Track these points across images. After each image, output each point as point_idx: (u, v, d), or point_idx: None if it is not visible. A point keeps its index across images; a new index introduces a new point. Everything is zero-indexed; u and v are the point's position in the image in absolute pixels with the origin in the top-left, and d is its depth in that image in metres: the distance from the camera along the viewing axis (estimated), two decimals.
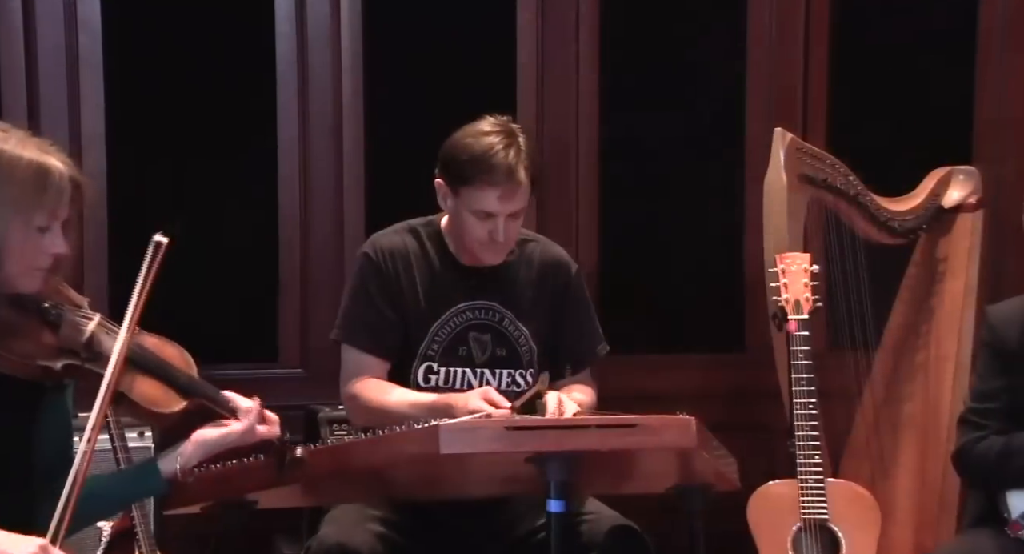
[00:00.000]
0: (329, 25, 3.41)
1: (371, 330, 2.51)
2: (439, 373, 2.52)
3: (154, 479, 2.06)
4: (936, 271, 3.18)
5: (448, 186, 2.48)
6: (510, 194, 2.42)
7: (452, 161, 2.46)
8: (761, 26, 3.52)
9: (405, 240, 2.55)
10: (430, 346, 2.51)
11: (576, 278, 2.62)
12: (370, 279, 2.53)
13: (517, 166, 2.40)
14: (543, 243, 2.62)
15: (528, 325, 2.55)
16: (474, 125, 2.47)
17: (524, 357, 2.55)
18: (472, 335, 2.53)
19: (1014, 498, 2.46)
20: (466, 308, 2.53)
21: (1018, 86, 3.55)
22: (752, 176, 3.43)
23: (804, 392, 2.75)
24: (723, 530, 2.52)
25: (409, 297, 2.51)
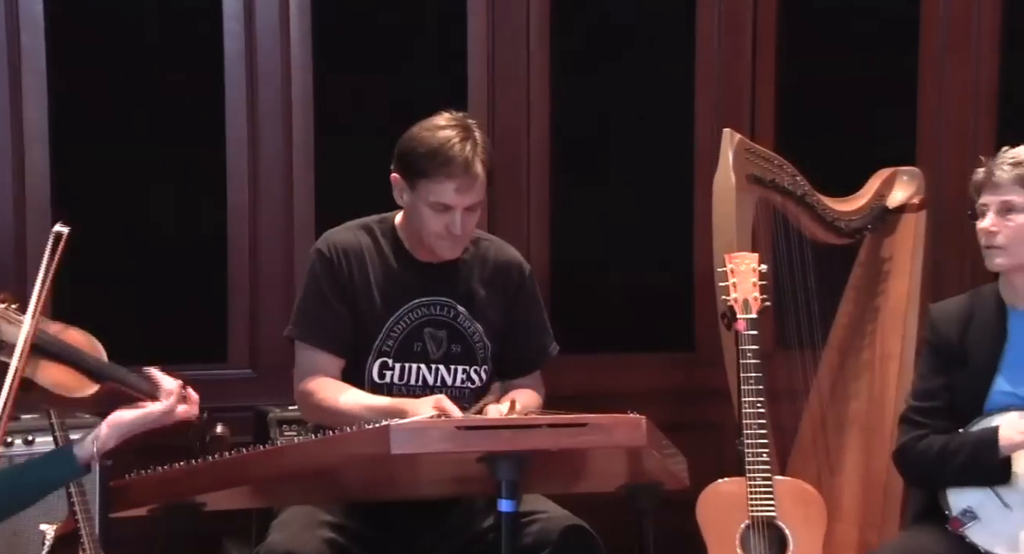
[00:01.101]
0: (278, 22, 3.39)
1: (325, 327, 2.50)
2: (394, 369, 2.51)
3: (69, 463, 2.04)
4: (881, 271, 3.22)
5: (405, 180, 2.48)
6: (467, 187, 2.42)
7: (409, 155, 2.45)
8: (709, 28, 3.55)
9: (359, 237, 2.55)
10: (385, 342, 2.51)
11: (529, 279, 2.62)
12: (323, 276, 2.52)
13: (474, 159, 2.41)
14: (497, 243, 2.63)
15: (482, 322, 2.55)
16: (430, 120, 2.47)
17: (479, 353, 2.56)
18: (427, 331, 2.53)
19: (954, 496, 2.49)
20: (421, 304, 2.53)
21: (958, 90, 3.62)
22: (701, 176, 3.46)
23: (752, 391, 2.78)
24: (673, 528, 2.54)
25: (363, 293, 2.51)
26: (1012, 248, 2.48)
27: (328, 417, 2.41)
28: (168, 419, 2.08)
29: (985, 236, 2.50)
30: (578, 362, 3.23)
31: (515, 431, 2.08)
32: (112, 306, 3.27)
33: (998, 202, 2.49)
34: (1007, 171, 2.48)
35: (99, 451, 2.02)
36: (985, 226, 2.50)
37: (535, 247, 3.49)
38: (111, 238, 3.33)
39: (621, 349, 3.57)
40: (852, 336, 3.19)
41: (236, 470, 2.16)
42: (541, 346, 2.64)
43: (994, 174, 2.49)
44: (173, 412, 2.07)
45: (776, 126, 3.58)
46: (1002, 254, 2.49)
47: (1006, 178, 2.48)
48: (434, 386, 2.51)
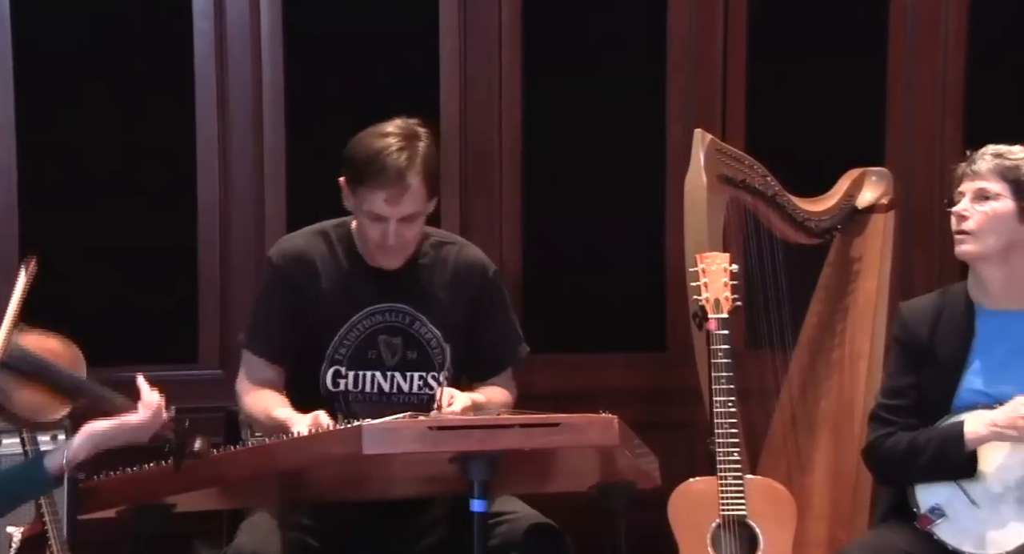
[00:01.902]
0: (248, 21, 3.37)
1: (267, 336, 2.51)
2: (347, 377, 2.50)
3: (39, 474, 2.02)
4: (851, 270, 3.24)
5: (348, 185, 2.46)
6: (396, 197, 2.39)
7: (350, 160, 2.44)
8: (680, 28, 3.56)
9: (313, 243, 2.53)
10: (338, 350, 2.49)
11: (493, 280, 2.60)
12: (272, 285, 2.52)
13: (407, 169, 2.37)
14: (460, 245, 2.61)
15: (440, 327, 2.53)
16: (379, 125, 2.46)
17: (436, 359, 2.54)
18: (382, 338, 2.51)
19: (923, 493, 2.51)
20: (376, 311, 2.51)
21: (926, 92, 3.65)
22: (673, 177, 3.47)
23: (724, 390, 2.79)
24: (644, 528, 2.55)
25: (314, 301, 2.49)
26: (980, 235, 2.50)
27: (251, 421, 2.45)
28: (143, 433, 2.06)
29: (956, 220, 2.53)
30: (550, 362, 3.23)
31: (487, 431, 2.08)
32: (81, 306, 3.24)
33: (974, 188, 2.52)
34: (988, 161, 2.52)
35: (70, 463, 1.99)
36: (957, 209, 2.53)
37: (507, 248, 3.49)
38: (80, 238, 3.31)
39: (593, 349, 3.57)
40: (822, 335, 3.21)
41: (206, 471, 2.15)
42: (509, 347, 2.63)
43: (975, 163, 2.53)
44: (150, 425, 2.05)
45: (747, 127, 3.60)
46: (970, 240, 2.51)
47: (985, 167, 2.51)
48: (390, 393, 2.50)
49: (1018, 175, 2.49)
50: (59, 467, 2.00)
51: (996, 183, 2.50)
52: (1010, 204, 2.49)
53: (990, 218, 2.50)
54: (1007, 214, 2.49)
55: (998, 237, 2.50)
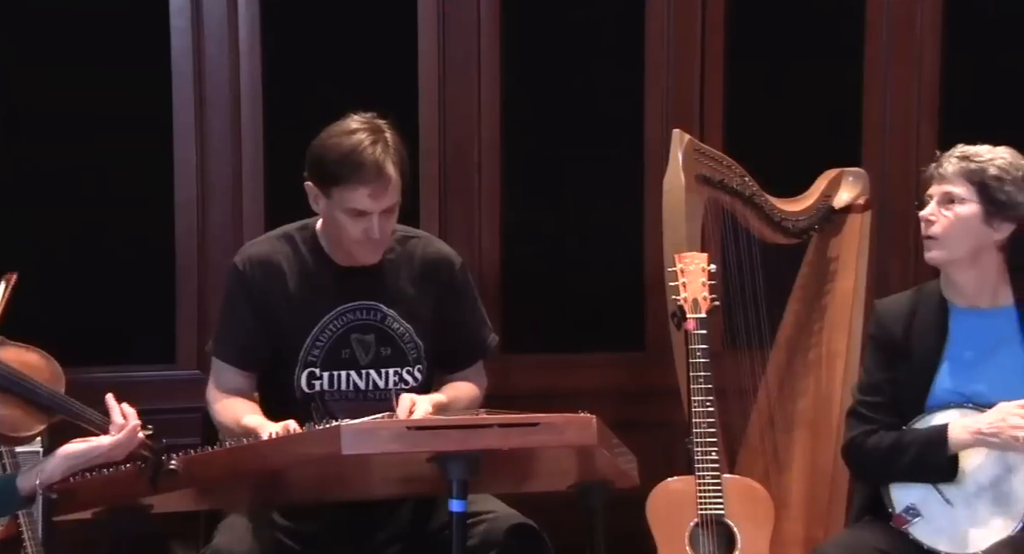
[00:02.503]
0: (226, 18, 3.35)
1: (235, 343, 2.50)
2: (322, 378, 2.49)
3: (10, 495, 2.00)
4: (827, 270, 3.26)
5: (318, 188, 2.45)
6: (380, 191, 2.39)
7: (320, 162, 2.43)
8: (659, 28, 3.57)
9: (277, 247, 2.52)
10: (311, 352, 2.49)
11: (460, 272, 2.60)
12: (237, 292, 2.51)
13: (385, 162, 2.38)
14: (425, 239, 2.61)
15: (412, 322, 2.53)
16: (339, 124, 2.45)
17: (410, 354, 2.53)
18: (354, 337, 2.50)
19: (898, 492, 2.52)
20: (346, 310, 2.50)
21: (901, 93, 3.68)
22: (651, 177, 3.48)
23: (702, 390, 2.80)
24: (623, 527, 2.56)
25: (281, 306, 2.48)
26: (947, 240, 2.51)
27: (221, 428, 2.43)
28: (118, 454, 2.05)
29: (923, 224, 2.54)
30: (529, 362, 3.24)
31: (466, 431, 2.08)
32: (58, 306, 3.23)
33: (941, 192, 2.52)
34: (953, 164, 2.51)
35: (43, 484, 1.98)
36: (924, 213, 2.54)
37: (486, 247, 3.49)
38: (56, 237, 3.29)
39: (572, 349, 3.58)
40: (799, 335, 3.23)
41: (183, 472, 2.14)
42: (478, 338, 2.62)
43: (942, 166, 2.53)
44: (124, 447, 2.04)
45: (724, 127, 3.61)
46: (937, 246, 2.52)
47: (951, 170, 2.51)
48: (366, 391, 2.49)
49: (983, 177, 2.48)
50: (32, 488, 1.99)
51: (962, 186, 2.50)
52: (976, 208, 2.49)
53: (956, 223, 2.50)
54: (973, 218, 2.49)
55: (965, 241, 2.50)
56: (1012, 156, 2.52)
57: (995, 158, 2.50)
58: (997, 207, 2.48)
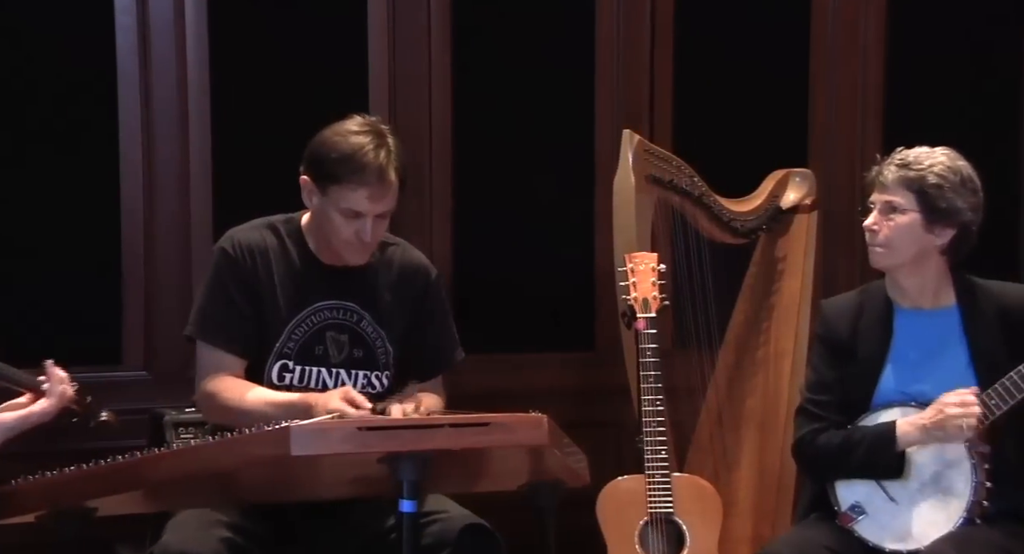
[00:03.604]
0: (172, 16, 3.32)
1: (228, 327, 2.46)
2: (294, 372, 2.48)
3: None
4: (775, 270, 3.29)
5: (315, 184, 2.44)
6: (380, 195, 2.40)
7: (321, 159, 2.42)
8: (608, 29, 3.59)
9: (264, 236, 2.51)
10: (286, 344, 2.48)
11: (435, 284, 2.61)
12: (227, 274, 2.48)
13: (388, 167, 2.39)
14: (404, 247, 2.61)
15: (386, 328, 2.53)
16: (343, 124, 2.44)
17: (380, 359, 2.54)
18: (329, 335, 2.50)
19: (843, 491, 2.55)
20: (324, 307, 2.50)
21: (846, 94, 3.73)
22: (602, 177, 3.49)
23: (652, 389, 2.82)
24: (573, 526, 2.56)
25: (267, 294, 2.47)
26: (892, 247, 2.54)
27: (233, 417, 2.37)
28: (50, 417, 2.04)
29: (868, 234, 2.57)
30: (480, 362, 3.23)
31: (417, 431, 2.07)
32: (2, 306, 3.17)
33: (882, 201, 2.55)
34: (893, 172, 2.54)
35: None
36: (868, 223, 2.56)
37: (437, 247, 3.48)
38: (1, 236, 3.23)
39: (523, 349, 3.58)
40: (748, 334, 3.26)
41: (130, 474, 2.11)
42: (446, 352, 2.63)
43: (882, 173, 2.55)
44: (53, 410, 2.03)
45: (674, 128, 3.64)
46: (882, 254, 2.56)
47: (891, 179, 2.54)
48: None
49: (923, 185, 2.51)
50: None
51: (902, 196, 2.53)
52: (916, 216, 2.52)
53: (898, 231, 2.53)
54: (915, 226, 2.52)
55: (908, 248, 2.54)
56: (950, 160, 2.55)
57: (934, 165, 2.52)
58: (937, 215, 2.52)
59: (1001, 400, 2.44)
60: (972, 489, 2.46)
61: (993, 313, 2.55)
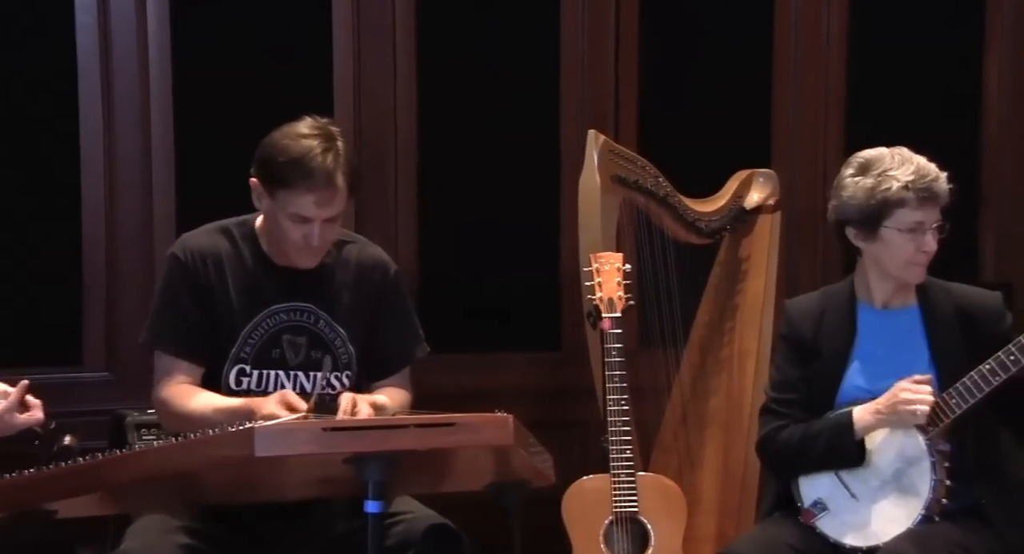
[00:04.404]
0: (134, 15, 3.29)
1: (181, 334, 2.45)
2: (251, 376, 2.47)
3: None
4: (739, 270, 3.31)
5: (264, 187, 2.43)
6: (327, 199, 2.39)
7: (269, 162, 2.41)
8: (573, 30, 3.60)
9: (216, 241, 2.49)
10: (243, 348, 2.46)
11: (394, 279, 2.60)
12: (179, 281, 2.46)
13: (335, 171, 2.37)
14: (361, 244, 2.60)
15: (345, 327, 2.52)
16: (292, 126, 2.42)
17: (341, 359, 2.52)
18: (286, 337, 2.48)
19: (806, 487, 2.57)
20: (280, 310, 2.48)
21: (809, 95, 3.76)
22: (567, 177, 3.50)
23: (617, 389, 2.82)
24: (539, 526, 2.56)
25: (220, 299, 2.46)
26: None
27: (183, 424, 2.37)
28: (4, 426, 2.00)
29: (921, 255, 2.53)
30: (446, 362, 3.23)
31: (382, 432, 2.07)
32: None
33: (937, 220, 2.52)
34: (943, 184, 2.50)
35: None
36: (930, 248, 2.51)
37: (403, 247, 3.48)
38: None
39: (488, 348, 3.58)
40: (712, 334, 3.27)
41: (91, 476, 2.09)
42: (408, 347, 2.62)
43: (931, 189, 2.49)
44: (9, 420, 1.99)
45: (639, 128, 3.65)
46: (924, 271, 2.55)
47: (942, 193, 2.50)
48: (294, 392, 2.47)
49: (946, 196, 2.52)
50: None
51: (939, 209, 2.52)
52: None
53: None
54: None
55: None
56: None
57: (940, 173, 2.52)
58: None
59: (961, 399, 2.47)
60: (932, 487, 2.48)
61: (952, 314, 2.58)
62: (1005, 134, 3.84)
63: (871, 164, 2.54)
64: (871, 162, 2.54)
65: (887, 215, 2.50)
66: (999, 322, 2.57)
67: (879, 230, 2.52)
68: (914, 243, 2.51)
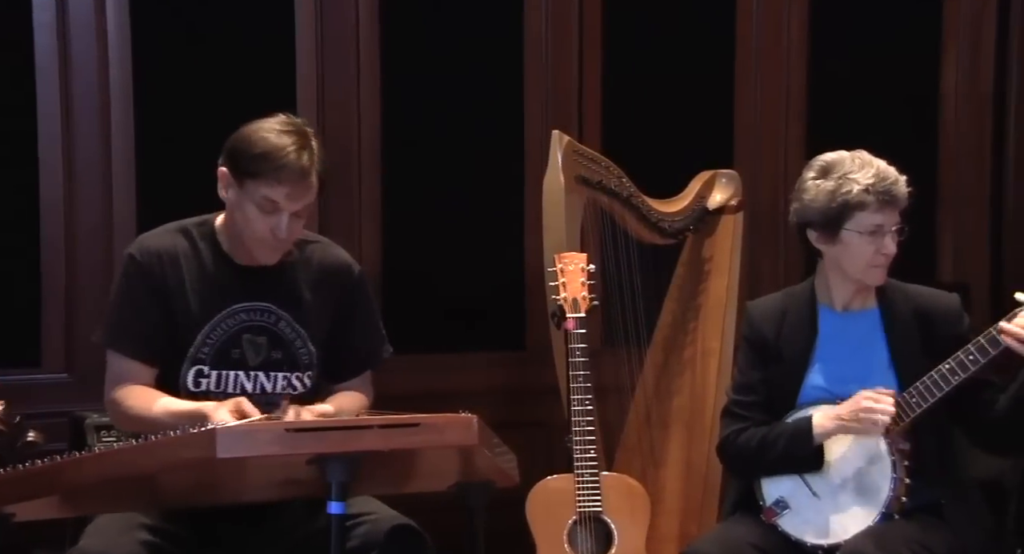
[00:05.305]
0: (93, 14, 3.26)
1: (136, 336, 2.43)
2: (210, 376, 2.44)
3: None
4: (702, 270, 3.33)
5: (233, 177, 2.41)
6: (299, 194, 2.38)
7: (241, 154, 2.39)
8: (536, 30, 3.61)
9: (174, 240, 2.47)
10: (201, 349, 2.44)
11: (358, 280, 2.58)
12: (135, 282, 2.44)
13: (310, 169, 2.38)
14: (324, 245, 2.58)
15: (306, 327, 2.50)
16: (267, 121, 2.41)
17: (302, 359, 2.51)
18: (246, 337, 2.46)
19: (768, 486, 2.59)
20: (240, 310, 2.46)
21: (771, 97, 3.79)
22: (531, 177, 3.50)
23: (581, 388, 2.83)
24: (503, 526, 2.56)
25: (178, 299, 2.44)
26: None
27: (137, 425, 2.36)
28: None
29: (882, 257, 2.54)
30: (410, 362, 3.22)
31: (346, 432, 2.06)
32: None
33: (898, 222, 2.54)
34: (902, 188, 2.51)
35: None
36: (890, 251, 2.52)
37: (366, 246, 3.47)
38: None
39: (453, 349, 3.58)
40: (675, 334, 3.29)
41: (50, 478, 2.07)
42: (372, 348, 2.61)
43: (891, 192, 2.51)
44: None
45: (603, 128, 3.66)
46: (884, 273, 2.56)
47: (902, 196, 2.52)
48: (253, 393, 2.45)
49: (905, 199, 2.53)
50: None
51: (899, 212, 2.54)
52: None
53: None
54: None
55: None
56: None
57: (899, 176, 2.53)
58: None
59: (921, 399, 2.50)
60: (891, 485, 2.50)
61: (911, 315, 2.60)
62: (962, 137, 3.90)
63: (832, 167, 2.55)
64: (832, 165, 2.56)
65: (847, 218, 2.53)
66: (957, 323, 2.59)
67: (840, 232, 2.54)
68: (874, 245, 2.53)
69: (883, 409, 2.47)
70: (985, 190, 3.90)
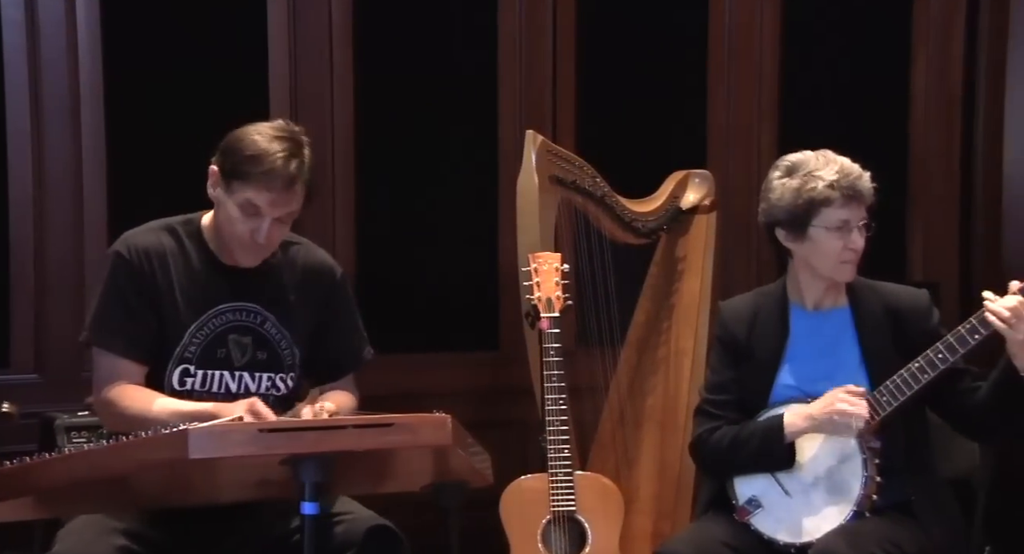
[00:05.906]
0: (63, 12, 3.23)
1: (126, 333, 2.40)
2: (196, 376, 2.43)
3: None
4: (676, 270, 3.34)
5: (222, 176, 2.40)
6: (283, 201, 2.38)
7: (233, 154, 2.38)
8: (510, 29, 3.61)
9: (161, 238, 2.45)
10: (187, 348, 2.43)
11: (340, 282, 2.58)
12: (123, 279, 2.42)
13: (297, 178, 2.37)
14: (307, 247, 2.58)
15: (290, 329, 2.50)
16: (264, 124, 2.41)
17: (286, 361, 2.50)
18: (232, 337, 2.46)
19: (741, 485, 2.60)
20: (227, 310, 2.46)
21: (743, 97, 3.81)
22: (505, 177, 3.50)
23: (555, 388, 2.83)
24: (477, 525, 2.57)
25: (166, 297, 2.42)
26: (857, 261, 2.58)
27: (135, 426, 2.31)
28: None
29: (849, 253, 2.55)
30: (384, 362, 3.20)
31: (319, 432, 2.05)
32: None
33: (864, 217, 2.55)
34: (867, 183, 2.53)
35: None
36: (858, 246, 2.54)
37: (340, 248, 3.46)
38: None
39: (427, 349, 3.58)
40: (648, 334, 3.30)
41: (20, 480, 2.05)
42: (355, 351, 2.61)
43: (855, 187, 2.52)
44: None
45: (576, 128, 3.67)
46: (853, 269, 2.57)
47: (866, 191, 2.54)
48: (237, 393, 2.44)
49: (871, 194, 2.55)
50: None
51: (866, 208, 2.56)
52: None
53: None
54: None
55: None
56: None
57: (863, 172, 2.55)
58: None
59: (892, 397, 2.52)
60: (863, 483, 2.52)
61: (882, 313, 2.62)
62: (932, 135, 3.93)
63: (797, 166, 2.58)
64: (797, 164, 2.58)
65: (814, 214, 2.55)
66: (927, 320, 2.62)
67: (807, 230, 2.56)
68: (841, 241, 2.55)
69: (858, 413, 2.49)
70: (955, 190, 3.93)
